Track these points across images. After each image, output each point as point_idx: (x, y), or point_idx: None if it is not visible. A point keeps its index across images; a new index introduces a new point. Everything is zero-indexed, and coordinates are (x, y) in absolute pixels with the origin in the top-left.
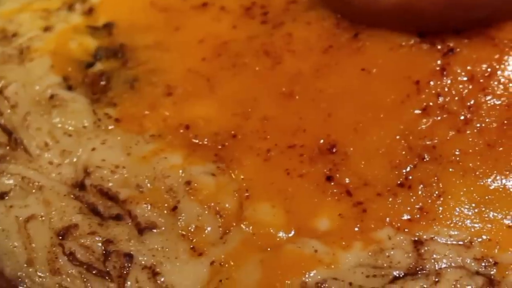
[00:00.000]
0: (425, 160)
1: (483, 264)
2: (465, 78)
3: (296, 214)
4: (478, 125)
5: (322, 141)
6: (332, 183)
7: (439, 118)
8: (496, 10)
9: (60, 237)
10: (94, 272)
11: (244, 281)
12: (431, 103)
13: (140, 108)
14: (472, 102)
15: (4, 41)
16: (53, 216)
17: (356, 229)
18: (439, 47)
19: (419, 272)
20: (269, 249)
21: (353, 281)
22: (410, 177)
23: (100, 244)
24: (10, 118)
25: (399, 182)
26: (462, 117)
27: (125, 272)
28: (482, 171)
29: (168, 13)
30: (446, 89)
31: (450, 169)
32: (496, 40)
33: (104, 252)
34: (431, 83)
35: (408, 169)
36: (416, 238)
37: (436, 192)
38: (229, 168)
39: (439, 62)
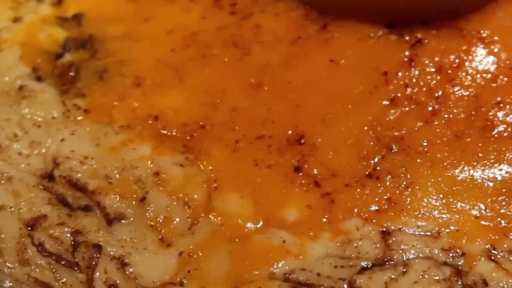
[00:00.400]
0: (393, 151)
1: (450, 254)
2: (433, 69)
3: (264, 205)
4: (446, 116)
5: (290, 132)
6: (301, 174)
7: (407, 109)
8: (464, 1)
9: (29, 228)
10: (63, 262)
11: (213, 271)
12: (399, 94)
13: (109, 99)
14: (440, 93)
15: None
16: (22, 207)
17: (324, 219)
18: (407, 38)
19: (387, 263)
20: (237, 240)
21: (321, 272)
22: (378, 168)
23: (69, 235)
24: None
25: (367, 173)
26: (430, 108)
27: (93, 262)
28: (450, 162)
29: (137, 3)
30: (414, 80)
31: (418, 160)
32: (464, 31)
33: (73, 243)
34: (399, 74)
35: (376, 160)
36: (384, 229)
37: (404, 183)
38: (198, 159)
39: (407, 53)
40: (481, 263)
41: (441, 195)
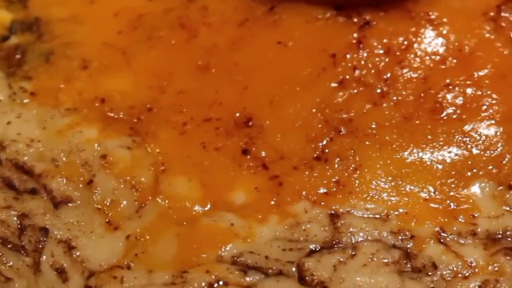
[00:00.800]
0: (341, 133)
1: (399, 237)
2: (381, 51)
3: (212, 188)
4: (395, 98)
5: (238, 114)
6: (248, 157)
7: (355, 91)
8: None
9: None
10: (9, 246)
11: (160, 254)
12: (347, 76)
13: (56, 81)
14: (388, 75)
15: None
16: None
17: (272, 202)
18: (355, 20)
19: (336, 246)
20: (185, 223)
21: (269, 255)
22: (327, 151)
23: (15, 218)
24: None
25: (315, 156)
26: (378, 90)
27: (40, 246)
28: (398, 144)
29: None
30: (363, 62)
31: (367, 142)
32: (413, 13)
33: (19, 226)
34: (348, 56)
35: (324, 142)
36: (332, 212)
37: (353, 165)
38: (145, 142)
39: (355, 35)
40: (430, 245)
41: (390, 178)
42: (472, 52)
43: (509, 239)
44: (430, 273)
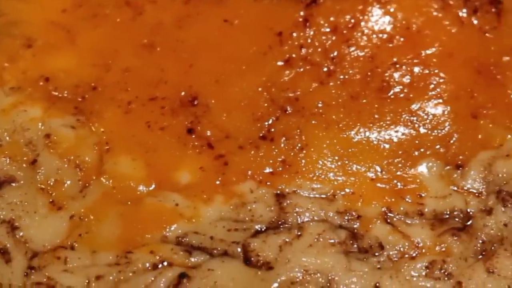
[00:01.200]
0: (287, 112)
1: (346, 217)
2: (328, 30)
3: (157, 167)
4: (342, 77)
5: (183, 93)
6: (194, 136)
7: (302, 69)
8: None
9: None
10: None
11: (104, 234)
12: (293, 55)
13: None
14: (335, 53)
15: None
16: None
17: (218, 182)
18: None
19: (281, 226)
20: (129, 202)
21: (214, 235)
22: (273, 130)
23: None
24: None
25: (261, 135)
26: (325, 69)
27: None
28: (345, 124)
29: None
30: (309, 41)
31: (313, 122)
32: None
33: None
34: (294, 34)
35: (270, 121)
36: (278, 192)
37: (299, 145)
38: (89, 121)
39: (302, 13)
40: (377, 226)
41: (336, 157)
42: (420, 31)
43: (456, 219)
44: (376, 254)
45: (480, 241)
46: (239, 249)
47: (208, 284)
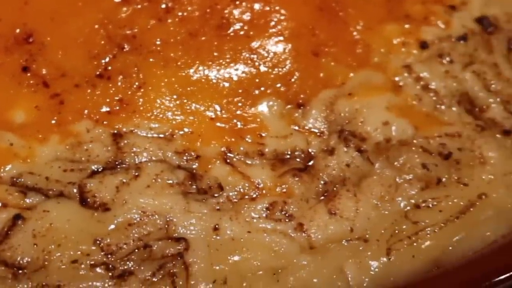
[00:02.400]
0: (125, 50)
1: (184, 158)
2: None
3: None
4: (180, 13)
5: (18, 30)
6: (29, 74)
7: (139, 6)
8: None
9: None
10: None
11: None
12: None
13: None
14: None
15: None
16: None
17: (53, 121)
18: None
19: (119, 166)
20: None
21: (49, 176)
22: (110, 68)
23: None
24: None
25: (98, 73)
26: (163, 6)
27: None
28: (184, 61)
29: None
30: None
31: (151, 59)
32: None
33: None
34: None
35: (107, 59)
36: (115, 131)
37: (136, 83)
38: None
39: None
40: (216, 166)
41: (174, 96)
42: None
43: (297, 159)
44: (216, 195)
45: (322, 182)
46: (75, 190)
47: (43, 225)
